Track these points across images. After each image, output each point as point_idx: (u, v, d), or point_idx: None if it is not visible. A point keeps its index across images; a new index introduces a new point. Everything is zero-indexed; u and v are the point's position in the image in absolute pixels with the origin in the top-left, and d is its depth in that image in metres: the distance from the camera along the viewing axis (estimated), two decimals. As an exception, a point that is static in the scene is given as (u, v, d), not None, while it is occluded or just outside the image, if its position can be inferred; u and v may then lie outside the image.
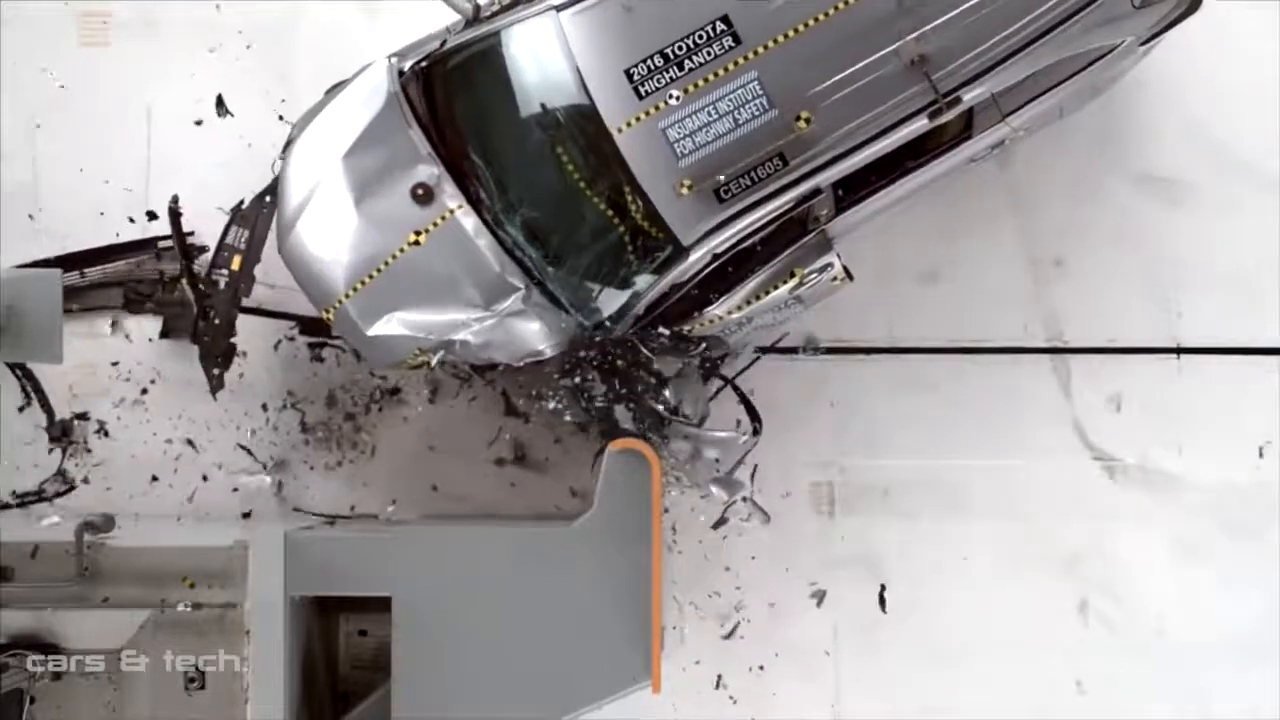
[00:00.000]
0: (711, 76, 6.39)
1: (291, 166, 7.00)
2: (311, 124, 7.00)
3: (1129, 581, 7.88)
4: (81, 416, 7.96)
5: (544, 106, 6.63)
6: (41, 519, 7.81)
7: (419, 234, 6.79)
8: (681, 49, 6.38)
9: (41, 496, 7.91)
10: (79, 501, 7.91)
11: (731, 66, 6.37)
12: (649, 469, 6.88)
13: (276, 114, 7.79)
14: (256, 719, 6.82)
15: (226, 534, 7.10)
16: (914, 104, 6.39)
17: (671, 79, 6.41)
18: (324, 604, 7.45)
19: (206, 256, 7.44)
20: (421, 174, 6.76)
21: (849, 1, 6.29)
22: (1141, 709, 7.84)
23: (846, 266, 6.87)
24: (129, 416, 7.98)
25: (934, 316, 7.92)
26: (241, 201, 7.26)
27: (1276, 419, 7.86)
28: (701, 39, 6.36)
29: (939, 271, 7.93)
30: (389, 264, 6.85)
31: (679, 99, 6.42)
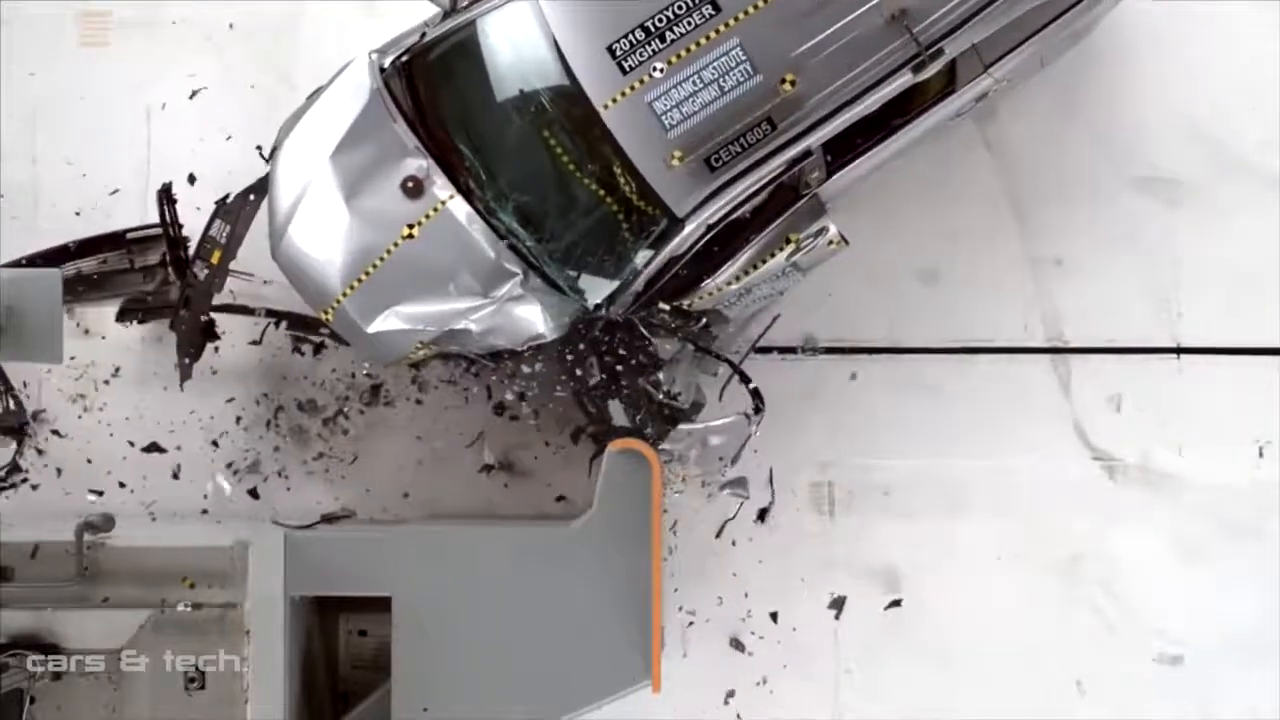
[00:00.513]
0: (694, 46, 6.40)
1: (279, 171, 6.99)
2: (296, 127, 7.00)
3: (1129, 581, 7.88)
4: (38, 414, 7.96)
5: (528, 90, 6.65)
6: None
7: (412, 227, 6.79)
8: (662, 21, 6.38)
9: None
10: (41, 498, 7.92)
11: (713, 35, 6.38)
12: (649, 469, 6.88)
13: (277, 114, 7.77)
14: (256, 719, 6.83)
15: (226, 534, 7.09)
16: (897, 58, 6.41)
17: (654, 52, 6.42)
18: (324, 604, 7.46)
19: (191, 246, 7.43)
20: (410, 167, 6.77)
21: None
22: (1141, 709, 7.84)
23: (842, 233, 6.86)
24: (90, 416, 7.99)
25: (934, 316, 7.92)
26: (227, 196, 7.27)
27: (1276, 419, 7.86)
28: (681, 9, 6.37)
29: (939, 271, 7.93)
30: (384, 259, 6.85)
31: (663, 71, 6.43)
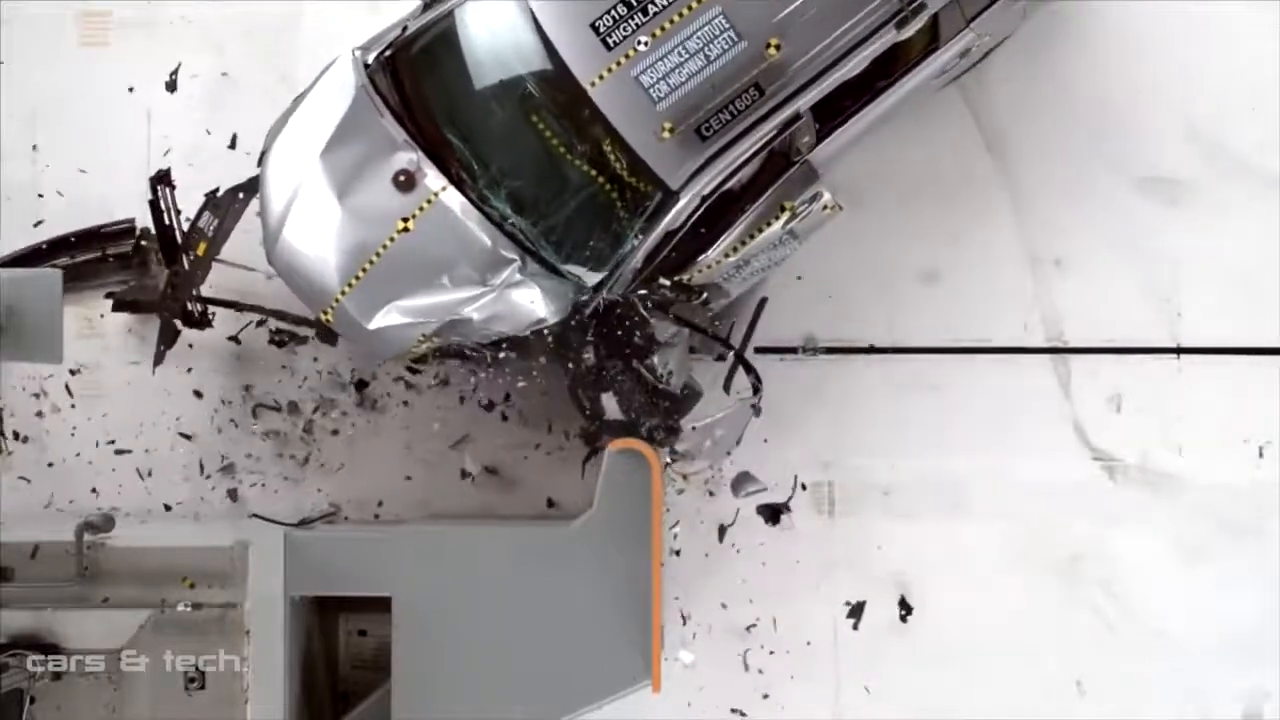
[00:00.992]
0: (677, 17, 6.43)
1: (269, 175, 6.99)
2: (283, 129, 7.01)
3: (1129, 581, 7.87)
4: None
5: (514, 75, 6.67)
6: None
7: (407, 221, 6.80)
8: None
9: None
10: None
11: (695, 4, 6.42)
12: (649, 469, 6.88)
13: (277, 114, 7.77)
14: (256, 719, 6.83)
15: (226, 534, 7.09)
16: (880, 16, 6.47)
17: (638, 25, 6.44)
18: (324, 604, 7.46)
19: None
20: (401, 161, 6.77)
21: None
22: (1141, 709, 7.84)
23: (836, 200, 6.89)
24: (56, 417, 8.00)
25: (934, 316, 7.92)
26: (217, 189, 7.27)
27: (1276, 419, 7.86)
28: None
29: (939, 271, 7.93)
30: (380, 255, 6.85)
31: (648, 44, 6.46)
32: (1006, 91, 7.86)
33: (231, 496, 7.93)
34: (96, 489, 7.95)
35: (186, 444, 7.96)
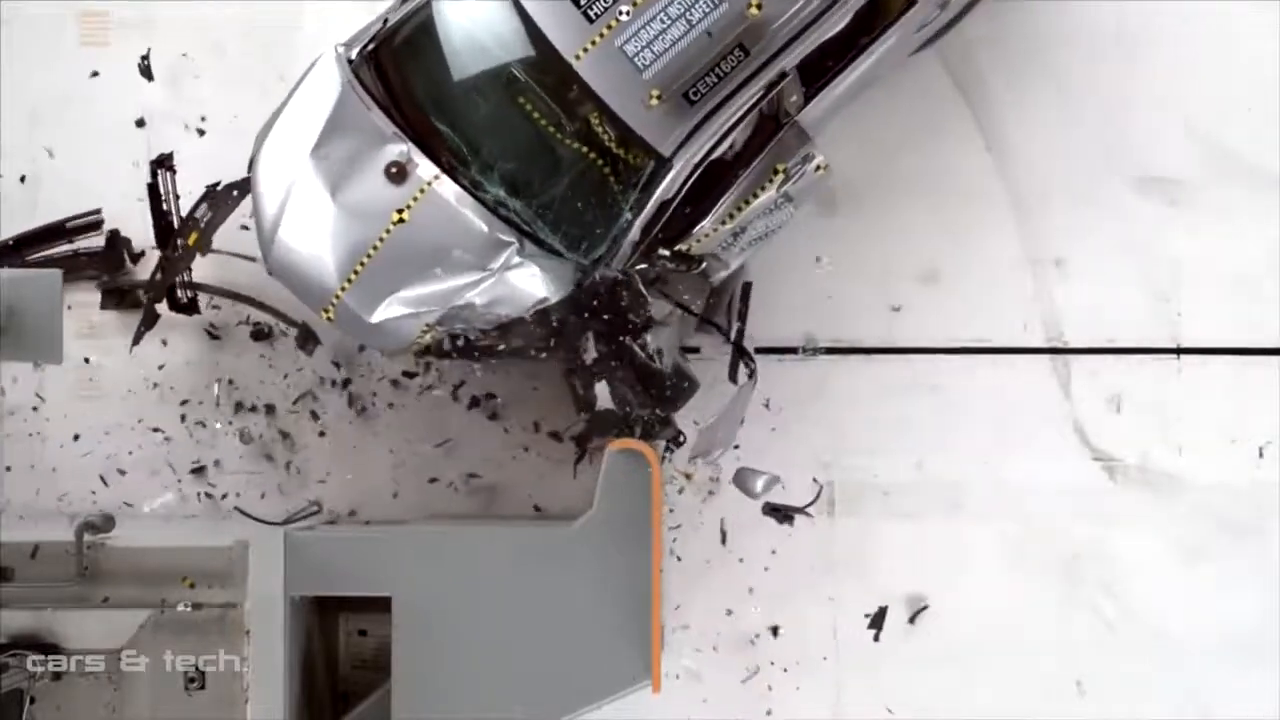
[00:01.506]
0: None
1: (261, 178, 6.99)
2: (272, 131, 7.01)
3: (1129, 581, 7.87)
4: None
5: (497, 57, 6.68)
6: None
7: (401, 212, 6.80)
8: None
9: None
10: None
11: None
12: (649, 469, 6.88)
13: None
14: (256, 719, 6.83)
15: (226, 534, 7.09)
16: None
17: None
18: (324, 604, 7.46)
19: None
20: (391, 153, 6.78)
21: None
22: (1141, 709, 7.84)
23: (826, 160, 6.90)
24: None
25: (934, 316, 7.92)
26: (219, 182, 7.28)
27: (1276, 419, 7.86)
28: None
29: (939, 271, 7.93)
30: (378, 248, 6.84)
31: (629, 13, 6.47)
32: (1007, 92, 7.86)
33: (209, 496, 7.94)
34: (95, 490, 7.94)
35: (169, 444, 7.96)
